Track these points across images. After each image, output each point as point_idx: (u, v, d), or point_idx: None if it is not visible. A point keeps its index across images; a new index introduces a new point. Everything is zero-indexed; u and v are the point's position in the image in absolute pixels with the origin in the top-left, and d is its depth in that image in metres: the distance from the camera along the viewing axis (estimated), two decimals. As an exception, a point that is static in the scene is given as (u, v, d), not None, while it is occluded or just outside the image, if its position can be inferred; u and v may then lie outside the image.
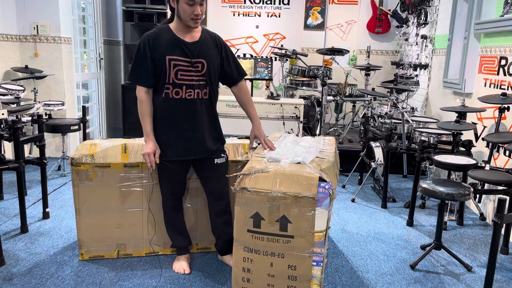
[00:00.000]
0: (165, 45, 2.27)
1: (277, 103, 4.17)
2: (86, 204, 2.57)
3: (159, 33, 2.30)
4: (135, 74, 2.33)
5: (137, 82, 2.33)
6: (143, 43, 2.27)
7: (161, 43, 2.27)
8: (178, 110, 2.33)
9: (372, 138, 4.26)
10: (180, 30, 2.30)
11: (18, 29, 4.67)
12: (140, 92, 2.33)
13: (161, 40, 2.28)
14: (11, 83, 4.22)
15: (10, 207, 3.45)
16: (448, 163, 2.90)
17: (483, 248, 3.07)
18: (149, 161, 2.31)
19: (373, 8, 6.43)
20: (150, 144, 2.32)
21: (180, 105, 2.32)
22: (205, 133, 2.40)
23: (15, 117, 3.13)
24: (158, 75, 2.29)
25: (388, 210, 3.78)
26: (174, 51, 2.27)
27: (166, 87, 2.29)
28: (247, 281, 2.10)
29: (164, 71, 2.27)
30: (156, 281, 2.45)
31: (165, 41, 2.28)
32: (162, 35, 2.29)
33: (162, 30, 2.32)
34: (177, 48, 2.28)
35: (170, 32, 2.30)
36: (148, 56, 2.26)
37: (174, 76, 2.28)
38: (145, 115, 2.33)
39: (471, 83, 4.00)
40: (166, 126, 2.35)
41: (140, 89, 2.33)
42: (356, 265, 2.74)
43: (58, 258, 2.66)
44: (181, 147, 2.36)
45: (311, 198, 1.95)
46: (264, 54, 6.66)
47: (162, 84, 2.30)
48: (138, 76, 2.32)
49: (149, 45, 2.26)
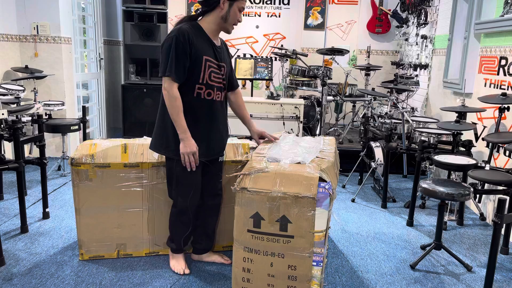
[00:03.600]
0: (201, 44, 2.23)
1: (277, 103, 4.17)
2: (86, 204, 2.57)
3: (194, 30, 2.24)
4: (171, 69, 2.17)
5: (174, 77, 2.19)
6: (183, 37, 2.16)
7: (198, 41, 2.22)
8: (209, 111, 2.33)
9: (372, 138, 4.26)
10: (212, 32, 2.29)
11: (18, 29, 4.67)
12: (174, 88, 2.20)
13: (198, 39, 2.23)
14: (11, 83, 4.22)
15: (10, 207, 3.45)
16: (448, 163, 2.90)
17: (483, 248, 3.07)
18: (191, 161, 2.24)
19: (373, 8, 6.43)
20: (192, 141, 2.23)
21: (211, 106, 2.33)
22: (224, 133, 2.48)
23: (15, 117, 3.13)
24: (190, 73, 2.23)
25: (388, 210, 3.78)
26: (208, 51, 2.26)
27: (198, 87, 2.27)
28: (247, 281, 2.10)
29: (198, 70, 2.23)
30: (156, 281, 2.44)
31: (201, 40, 2.25)
32: (197, 33, 2.24)
33: (196, 28, 2.26)
34: (210, 49, 2.28)
35: (203, 32, 2.28)
36: (187, 51, 2.18)
37: (208, 77, 2.27)
38: (180, 112, 2.21)
39: (471, 83, 4.00)
40: (198, 126, 2.31)
41: (174, 85, 2.20)
42: (356, 265, 2.74)
43: (58, 258, 2.66)
44: (210, 146, 2.37)
45: (311, 198, 1.95)
46: (264, 54, 6.66)
47: (193, 83, 2.25)
48: (175, 71, 2.18)
49: (189, 41, 2.18)
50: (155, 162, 2.58)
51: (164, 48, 2.19)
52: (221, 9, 2.22)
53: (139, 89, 5.67)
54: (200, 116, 2.31)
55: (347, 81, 5.35)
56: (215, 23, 2.27)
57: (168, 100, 2.20)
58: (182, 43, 2.16)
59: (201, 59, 2.22)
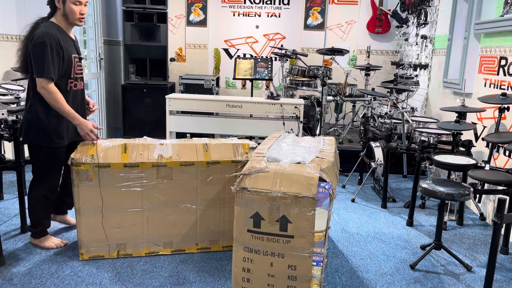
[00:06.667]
0: (67, 45, 2.56)
1: (277, 103, 4.17)
2: (86, 204, 2.57)
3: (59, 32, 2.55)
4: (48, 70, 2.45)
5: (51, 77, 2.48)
6: (55, 42, 2.47)
7: (65, 42, 2.55)
8: (76, 99, 2.69)
9: (372, 138, 4.26)
10: (66, 28, 2.62)
11: (18, 29, 4.67)
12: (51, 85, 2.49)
13: (63, 40, 2.55)
14: (11, 83, 4.21)
15: (10, 207, 3.45)
16: (448, 163, 2.90)
17: (483, 248, 3.07)
18: (94, 136, 2.62)
19: (373, 8, 6.43)
20: (85, 122, 2.61)
21: (77, 95, 2.70)
22: (85, 116, 2.81)
23: (15, 117, 3.13)
24: (64, 71, 2.54)
25: (388, 210, 3.78)
26: (72, 49, 2.61)
27: (70, 81, 2.62)
28: (247, 281, 2.11)
29: (70, 68, 2.59)
30: (156, 281, 2.45)
31: (66, 40, 2.58)
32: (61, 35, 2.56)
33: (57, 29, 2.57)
34: (72, 46, 2.63)
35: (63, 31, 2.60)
36: (60, 54, 2.50)
37: (75, 71, 2.62)
38: (64, 102, 2.53)
39: (471, 83, 4.00)
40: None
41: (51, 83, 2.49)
42: (356, 265, 2.74)
43: (58, 258, 2.66)
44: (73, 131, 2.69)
45: (311, 198, 1.95)
46: (264, 54, 6.66)
47: (66, 79, 2.59)
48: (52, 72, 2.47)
49: (60, 45, 2.50)
50: (155, 162, 2.59)
51: (36, 51, 2.42)
52: (59, 8, 2.52)
53: (139, 89, 5.67)
54: (71, 105, 2.61)
55: (347, 81, 5.35)
56: (63, 21, 2.56)
57: (50, 97, 2.46)
58: (55, 47, 2.45)
59: (71, 58, 2.56)
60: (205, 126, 4.25)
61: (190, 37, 6.63)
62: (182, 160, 2.63)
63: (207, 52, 6.66)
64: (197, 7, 6.51)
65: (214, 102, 4.22)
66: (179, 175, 2.64)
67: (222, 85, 6.63)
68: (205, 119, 4.25)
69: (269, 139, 2.69)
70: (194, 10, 6.52)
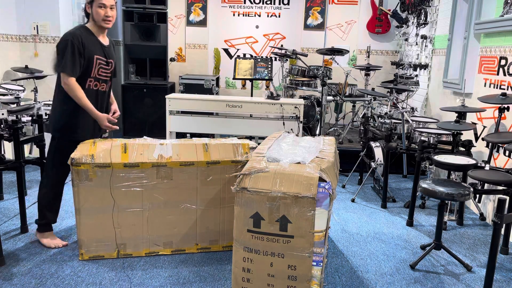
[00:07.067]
0: (92, 46, 2.71)
1: (277, 103, 4.17)
2: (86, 204, 2.57)
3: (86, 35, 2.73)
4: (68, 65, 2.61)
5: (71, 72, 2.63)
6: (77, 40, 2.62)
7: (89, 43, 2.70)
8: (96, 98, 2.80)
9: (372, 138, 4.26)
10: (97, 32, 2.78)
11: (18, 29, 4.67)
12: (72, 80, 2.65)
13: (89, 41, 2.71)
14: (11, 83, 4.22)
15: (10, 207, 3.45)
16: (448, 163, 2.90)
17: (483, 248, 3.07)
18: (111, 126, 2.82)
19: (373, 8, 6.43)
20: (101, 115, 2.76)
21: (97, 94, 2.82)
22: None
23: (15, 117, 3.13)
24: (84, 69, 2.68)
25: (388, 210, 3.78)
26: (98, 51, 2.75)
27: (89, 80, 2.74)
28: (247, 281, 2.11)
29: (91, 67, 2.70)
30: (156, 281, 2.45)
31: (92, 42, 2.74)
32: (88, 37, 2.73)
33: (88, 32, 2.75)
34: (99, 49, 2.77)
35: (93, 35, 2.77)
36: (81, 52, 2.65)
37: (97, 72, 2.75)
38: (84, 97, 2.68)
39: (471, 83, 4.00)
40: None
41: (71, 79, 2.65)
42: (356, 265, 2.74)
43: (58, 258, 2.66)
44: (96, 126, 2.84)
45: (311, 198, 1.95)
46: (264, 54, 6.66)
47: (86, 77, 2.72)
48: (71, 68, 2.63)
49: (82, 44, 2.65)
50: (155, 162, 2.59)
51: (60, 49, 2.62)
52: (89, 12, 2.71)
53: (139, 89, 5.67)
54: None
55: (347, 81, 5.35)
56: (94, 25, 2.75)
57: (70, 91, 2.63)
58: (77, 45, 2.61)
59: (92, 58, 2.69)
60: (205, 126, 4.25)
61: (190, 37, 6.63)
62: (182, 160, 2.63)
63: (207, 52, 6.66)
64: (197, 7, 6.51)
65: (214, 102, 4.22)
66: (179, 175, 2.64)
67: (222, 85, 6.63)
68: (205, 119, 4.25)
69: (269, 139, 2.69)
70: (194, 10, 6.52)
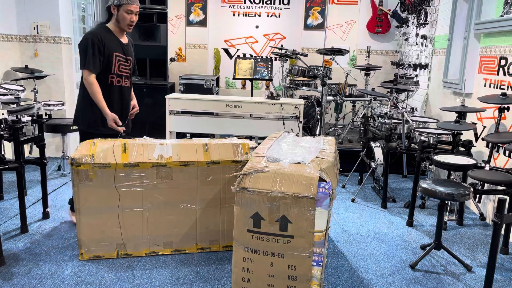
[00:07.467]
0: (111, 44, 2.88)
1: (277, 103, 4.17)
2: (86, 204, 2.57)
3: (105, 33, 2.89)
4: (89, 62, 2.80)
5: (91, 68, 2.82)
6: (96, 39, 2.80)
7: (109, 41, 2.87)
8: (119, 93, 3.01)
9: (372, 138, 4.26)
10: (117, 32, 2.93)
11: (18, 29, 4.67)
12: (91, 77, 2.84)
13: (108, 39, 2.87)
14: (11, 83, 4.22)
15: (10, 207, 3.45)
16: (448, 163, 2.90)
17: (483, 248, 3.07)
18: (117, 125, 2.92)
19: (373, 8, 6.43)
20: (110, 113, 2.89)
21: (121, 90, 3.02)
22: (128, 109, 3.17)
23: (15, 117, 3.13)
24: (105, 66, 2.86)
25: (388, 210, 3.78)
26: (117, 49, 2.91)
27: (111, 76, 2.93)
28: (247, 281, 2.11)
29: (110, 64, 2.88)
30: (156, 281, 2.45)
31: (111, 40, 2.90)
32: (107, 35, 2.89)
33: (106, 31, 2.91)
34: (118, 47, 2.93)
35: (112, 33, 2.92)
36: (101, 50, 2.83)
37: (117, 68, 2.94)
38: (99, 94, 2.86)
39: (471, 83, 4.00)
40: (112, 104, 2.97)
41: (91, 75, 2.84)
42: (356, 265, 2.74)
43: (58, 258, 2.66)
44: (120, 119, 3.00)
45: (311, 198, 1.95)
46: (264, 54, 6.66)
47: (107, 73, 2.90)
48: (92, 64, 2.81)
49: (102, 41, 2.83)
50: (155, 162, 2.59)
51: (82, 47, 2.81)
52: (114, 14, 2.87)
53: (139, 89, 5.66)
54: (113, 97, 2.97)
55: (347, 81, 5.35)
56: (115, 25, 2.91)
57: (88, 86, 2.82)
58: (97, 44, 2.79)
59: (112, 55, 2.87)
60: (205, 126, 4.26)
61: (190, 37, 6.63)
62: (182, 160, 2.63)
63: (207, 52, 6.66)
64: (197, 7, 6.51)
65: (214, 102, 4.22)
66: (179, 175, 2.64)
67: (222, 85, 6.63)
68: (205, 119, 4.25)
69: (269, 139, 2.69)
70: (194, 10, 6.52)
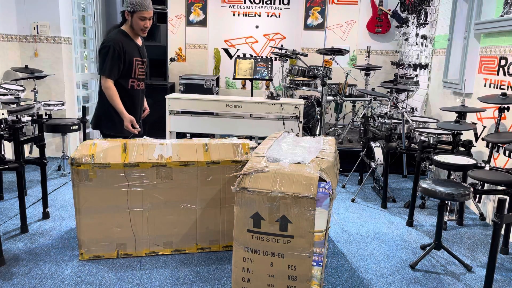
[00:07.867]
0: (130, 49, 2.93)
1: (277, 103, 4.17)
2: (86, 204, 2.57)
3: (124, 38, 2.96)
4: (107, 69, 2.86)
5: (108, 74, 2.88)
6: (118, 46, 2.87)
7: (128, 47, 2.93)
8: (138, 97, 3.07)
9: (372, 138, 4.26)
10: (132, 36, 2.99)
11: (18, 29, 4.67)
12: (108, 82, 2.90)
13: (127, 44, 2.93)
14: (11, 83, 4.22)
15: (10, 207, 3.45)
16: (448, 163, 2.90)
17: (483, 248, 3.07)
18: (133, 128, 2.94)
19: (373, 8, 6.43)
20: (128, 115, 2.92)
21: (139, 94, 3.09)
22: (141, 112, 3.22)
23: (15, 117, 3.13)
24: (126, 71, 2.92)
25: (388, 210, 3.78)
26: (135, 53, 2.98)
27: (131, 81, 3.00)
28: (247, 281, 2.11)
29: (131, 69, 2.95)
30: (156, 281, 2.45)
31: (130, 44, 2.96)
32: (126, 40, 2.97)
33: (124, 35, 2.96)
34: (136, 50, 2.99)
35: (129, 37, 2.99)
36: (121, 57, 2.88)
37: (137, 72, 3.00)
38: (116, 98, 2.91)
39: (471, 83, 4.00)
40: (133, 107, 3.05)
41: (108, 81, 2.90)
42: (356, 265, 2.74)
43: (58, 258, 2.66)
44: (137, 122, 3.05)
45: (311, 198, 1.95)
46: (264, 54, 6.66)
47: (128, 78, 2.97)
48: (110, 70, 2.87)
49: (123, 49, 2.89)
50: (155, 162, 2.59)
51: (102, 53, 2.87)
52: (128, 19, 2.93)
53: (139, 89, 5.66)
54: (136, 101, 3.07)
55: (347, 81, 5.35)
56: (130, 30, 2.97)
57: (107, 91, 2.88)
58: (118, 51, 2.85)
59: (132, 60, 2.94)
60: (205, 126, 4.26)
61: (190, 37, 6.63)
62: (182, 160, 2.63)
63: (207, 52, 6.66)
64: (197, 7, 6.51)
65: (214, 102, 4.22)
66: (179, 175, 2.64)
67: (222, 85, 6.63)
68: (205, 119, 4.25)
69: (269, 139, 2.69)
70: (194, 10, 6.52)
